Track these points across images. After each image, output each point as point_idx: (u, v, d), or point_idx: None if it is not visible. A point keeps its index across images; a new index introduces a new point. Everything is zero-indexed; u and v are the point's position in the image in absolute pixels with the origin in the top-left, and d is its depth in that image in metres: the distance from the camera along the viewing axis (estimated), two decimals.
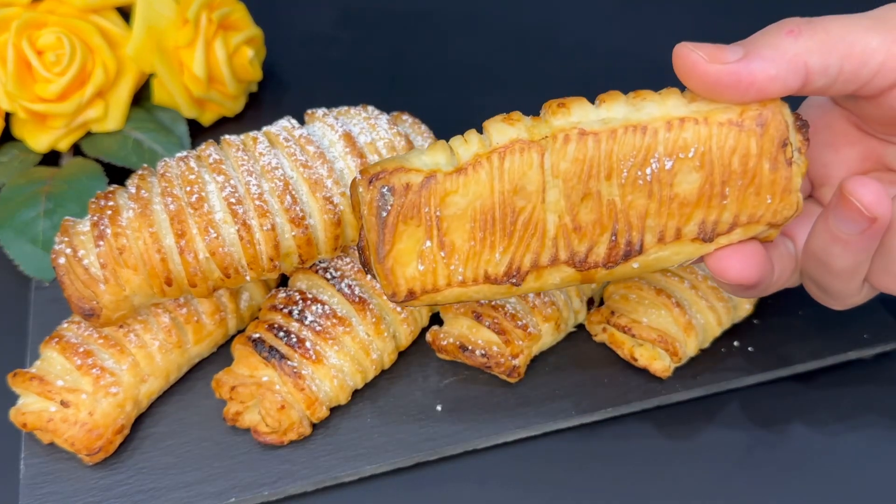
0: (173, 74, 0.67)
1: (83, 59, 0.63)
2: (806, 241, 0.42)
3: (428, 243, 0.38)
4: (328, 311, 0.51)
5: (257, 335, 0.51)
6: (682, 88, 0.39)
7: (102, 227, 0.47)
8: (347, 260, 0.54)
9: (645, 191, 0.37)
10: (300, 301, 0.52)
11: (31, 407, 0.49)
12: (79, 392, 0.48)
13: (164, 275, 0.47)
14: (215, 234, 0.47)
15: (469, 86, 0.79)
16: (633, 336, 0.52)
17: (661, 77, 0.73)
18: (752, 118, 0.37)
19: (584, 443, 0.51)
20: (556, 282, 0.39)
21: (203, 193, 0.48)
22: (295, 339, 0.50)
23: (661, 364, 0.52)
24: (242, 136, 0.51)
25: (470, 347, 0.51)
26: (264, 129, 0.52)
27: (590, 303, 0.56)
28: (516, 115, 0.38)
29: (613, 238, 0.38)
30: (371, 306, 0.52)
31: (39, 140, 0.65)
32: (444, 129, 0.60)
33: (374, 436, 0.51)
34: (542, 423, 0.51)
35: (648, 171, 0.37)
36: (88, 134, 0.67)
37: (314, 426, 0.51)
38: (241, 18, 0.71)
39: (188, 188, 0.48)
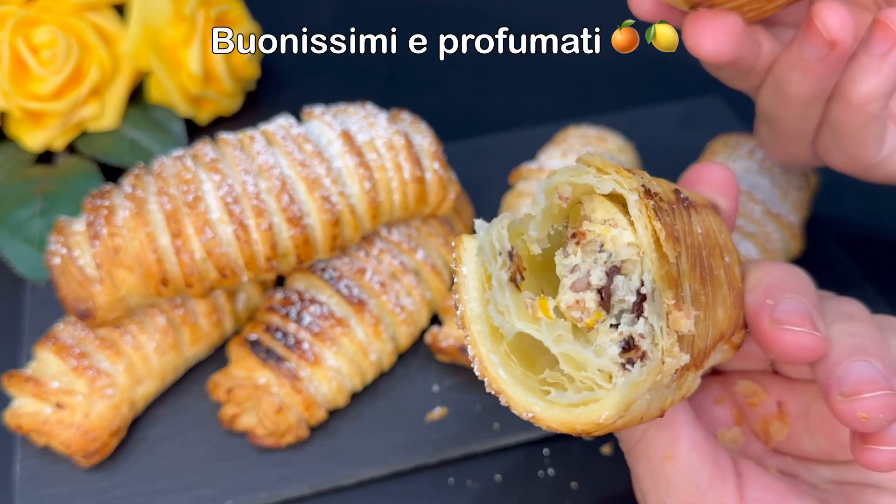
0: (170, 72, 0.66)
1: (79, 56, 0.63)
2: (770, 69, 0.42)
3: None
4: (326, 312, 0.51)
5: (254, 336, 0.50)
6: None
7: (98, 227, 0.47)
8: (346, 260, 0.53)
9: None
10: (298, 302, 0.51)
11: (26, 409, 0.48)
12: (74, 394, 0.48)
13: (160, 275, 0.47)
14: (212, 234, 0.47)
15: (468, 83, 0.78)
16: None
17: (662, 75, 0.73)
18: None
19: (586, 447, 0.51)
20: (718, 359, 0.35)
21: (199, 193, 0.47)
22: (293, 341, 0.50)
23: None
24: (239, 135, 0.50)
25: None
26: (261, 127, 0.51)
27: None
28: None
29: None
30: (370, 307, 0.51)
31: (34, 139, 0.65)
32: (444, 127, 0.59)
33: (373, 439, 0.50)
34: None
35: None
36: (84, 133, 0.66)
37: (312, 429, 0.50)
38: (238, 15, 0.70)
39: (184, 187, 0.47)
